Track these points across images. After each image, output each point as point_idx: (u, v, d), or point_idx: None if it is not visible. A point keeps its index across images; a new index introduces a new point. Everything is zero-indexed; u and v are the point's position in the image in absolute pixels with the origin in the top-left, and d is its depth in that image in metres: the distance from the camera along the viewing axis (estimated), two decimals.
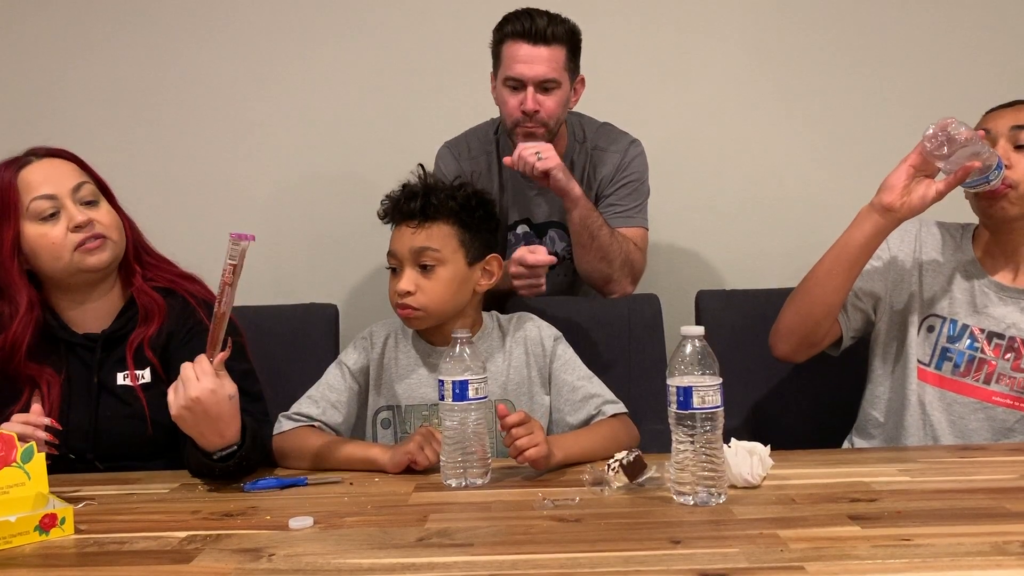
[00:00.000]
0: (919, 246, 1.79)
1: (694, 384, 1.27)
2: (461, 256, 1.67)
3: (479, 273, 1.71)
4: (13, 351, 1.57)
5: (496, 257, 1.73)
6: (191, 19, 2.61)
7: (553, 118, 2.04)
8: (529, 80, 2.00)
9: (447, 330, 1.70)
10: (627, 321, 2.09)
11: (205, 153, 2.63)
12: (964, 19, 2.60)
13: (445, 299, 1.66)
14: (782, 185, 2.63)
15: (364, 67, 2.62)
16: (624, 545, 1.13)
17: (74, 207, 1.59)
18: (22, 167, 1.60)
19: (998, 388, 1.70)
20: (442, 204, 1.66)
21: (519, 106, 2.02)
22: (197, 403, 1.41)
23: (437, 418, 1.67)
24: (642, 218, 2.16)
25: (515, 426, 1.45)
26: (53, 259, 1.59)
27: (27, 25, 2.60)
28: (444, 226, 1.66)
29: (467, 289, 1.70)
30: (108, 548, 1.20)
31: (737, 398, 1.92)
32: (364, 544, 1.17)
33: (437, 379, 1.67)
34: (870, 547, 1.09)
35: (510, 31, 2.02)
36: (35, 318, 1.59)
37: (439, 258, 1.65)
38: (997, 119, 1.69)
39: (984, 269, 1.75)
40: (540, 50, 1.99)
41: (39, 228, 1.58)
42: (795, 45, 2.62)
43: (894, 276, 1.78)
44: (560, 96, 2.04)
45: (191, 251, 1.78)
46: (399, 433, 1.72)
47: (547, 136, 2.05)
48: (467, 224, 1.68)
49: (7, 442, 1.28)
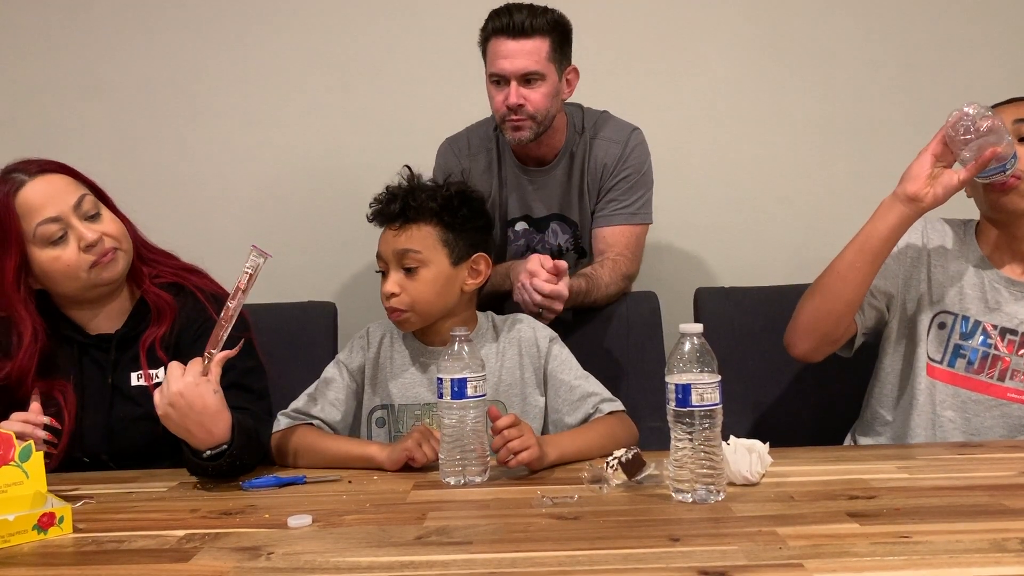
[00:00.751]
0: (926, 243, 1.78)
1: (693, 382, 1.27)
2: (444, 256, 1.67)
3: (466, 272, 1.71)
4: (20, 381, 1.57)
5: (483, 256, 1.72)
6: (189, 17, 2.60)
7: (541, 111, 2.03)
8: (510, 74, 2.00)
9: (440, 329, 1.71)
10: (626, 319, 2.09)
11: (203, 151, 2.63)
12: (964, 17, 2.60)
13: (430, 300, 1.67)
14: (781, 183, 2.62)
15: (363, 64, 2.61)
16: (623, 543, 1.13)
17: (81, 225, 1.56)
18: (17, 189, 1.55)
19: (1013, 385, 1.68)
20: (422, 205, 1.66)
21: (504, 101, 2.02)
22: (180, 397, 1.41)
23: (430, 417, 1.68)
24: (644, 214, 2.15)
25: (506, 428, 1.45)
26: (69, 280, 1.58)
27: (10, 22, 2.60)
28: (425, 227, 1.66)
29: (453, 289, 1.69)
30: (107, 547, 1.20)
31: (736, 395, 1.91)
32: (363, 542, 1.17)
33: (430, 378, 1.68)
34: (869, 544, 1.09)
35: (491, 28, 2.02)
36: (40, 347, 1.58)
37: (421, 259, 1.65)
38: (1000, 114, 1.66)
39: (993, 264, 1.74)
40: (520, 43, 1.99)
41: (50, 252, 1.56)
42: (795, 42, 2.61)
43: (904, 273, 1.77)
44: (546, 88, 2.02)
45: (189, 249, 1.78)
46: (393, 432, 1.72)
47: (536, 128, 2.04)
48: (449, 224, 1.68)
49: (5, 441, 1.28)
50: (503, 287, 2.02)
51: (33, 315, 1.59)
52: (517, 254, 2.21)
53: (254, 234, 2.00)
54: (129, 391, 1.63)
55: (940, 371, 1.73)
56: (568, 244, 2.21)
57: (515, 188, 2.20)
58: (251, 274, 1.45)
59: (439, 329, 1.72)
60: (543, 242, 2.22)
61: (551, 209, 2.20)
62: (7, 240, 1.55)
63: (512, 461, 1.44)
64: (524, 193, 2.20)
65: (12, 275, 1.56)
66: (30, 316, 1.58)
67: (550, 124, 2.08)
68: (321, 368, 1.75)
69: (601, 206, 2.14)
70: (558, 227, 2.22)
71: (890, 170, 1.68)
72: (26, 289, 1.59)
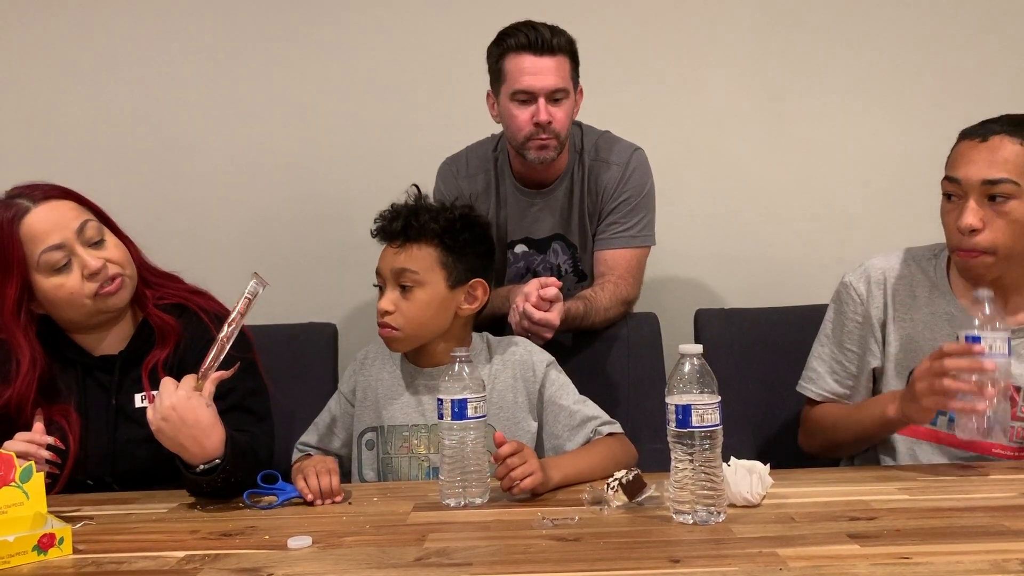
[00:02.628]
0: (889, 303, 1.73)
1: (693, 402, 1.27)
2: (442, 279, 1.67)
3: (462, 297, 1.70)
4: (19, 408, 1.57)
5: (481, 282, 1.71)
6: (189, 35, 2.61)
7: (564, 129, 2.03)
8: (540, 91, 1.98)
9: (432, 351, 1.71)
10: (626, 339, 2.09)
11: (204, 173, 2.63)
12: (969, 27, 2.60)
13: (422, 321, 1.67)
14: (782, 205, 2.63)
15: (363, 85, 2.62)
16: (623, 564, 1.13)
17: (84, 252, 1.56)
18: (22, 216, 1.54)
19: (996, 439, 1.64)
20: (424, 226, 1.66)
21: (531, 119, 1.99)
22: (173, 411, 1.42)
23: (417, 438, 1.69)
24: (645, 236, 2.15)
25: (509, 456, 1.44)
26: (73, 307, 1.58)
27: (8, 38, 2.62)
28: (426, 247, 1.66)
29: (447, 312, 1.69)
30: (106, 568, 1.20)
31: (736, 416, 1.91)
32: (363, 563, 1.17)
33: (420, 400, 1.69)
34: (869, 565, 1.09)
35: (513, 44, 2.00)
36: (39, 374, 1.58)
37: (417, 280, 1.65)
38: (968, 165, 1.58)
39: (964, 305, 1.67)
40: (547, 60, 1.98)
41: (54, 280, 1.56)
42: (799, 64, 2.62)
43: (875, 342, 1.75)
44: (568, 106, 2.03)
45: (189, 270, 1.78)
46: (382, 454, 1.72)
47: (559, 148, 2.04)
48: (450, 247, 1.67)
49: (5, 462, 1.29)
50: (502, 310, 2.00)
51: (32, 342, 1.58)
52: (517, 276, 2.21)
53: (255, 255, 2.01)
54: (133, 413, 1.63)
55: (920, 429, 1.69)
56: (567, 266, 2.21)
57: (515, 210, 2.19)
58: (250, 299, 1.47)
59: (431, 351, 1.72)
60: (545, 262, 2.21)
61: (551, 230, 2.19)
62: (9, 267, 1.54)
63: (516, 488, 1.44)
64: (524, 215, 2.19)
65: (12, 302, 1.55)
66: (28, 344, 1.58)
67: (566, 143, 2.08)
68: (321, 389, 1.77)
69: (602, 229, 2.14)
70: (559, 247, 2.20)
71: (893, 192, 1.68)
72: (27, 315, 1.58)
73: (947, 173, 1.63)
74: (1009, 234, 1.57)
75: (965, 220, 1.57)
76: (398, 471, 1.70)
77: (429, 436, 1.70)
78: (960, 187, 1.59)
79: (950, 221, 1.62)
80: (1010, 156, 1.56)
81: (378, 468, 1.72)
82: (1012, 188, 1.56)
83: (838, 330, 1.77)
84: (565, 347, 2.05)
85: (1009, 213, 1.57)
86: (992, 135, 1.58)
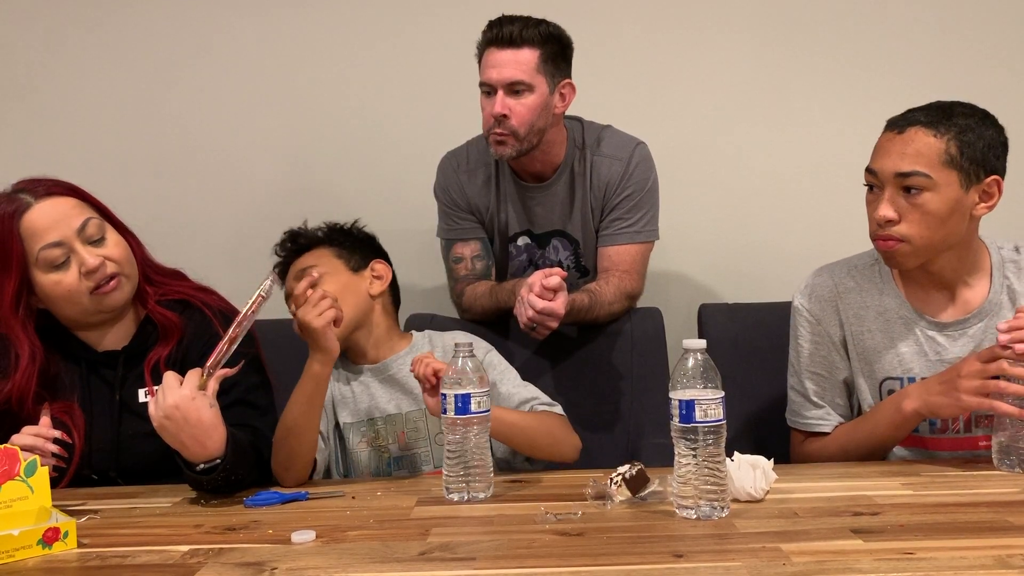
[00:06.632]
0: (843, 320, 1.73)
1: (696, 398, 1.27)
2: (342, 265, 1.80)
3: (368, 280, 1.81)
4: (21, 402, 1.57)
5: (379, 261, 1.85)
6: (188, 30, 2.61)
7: (525, 124, 1.99)
8: (496, 83, 1.99)
9: (359, 346, 1.81)
10: (630, 335, 2.09)
11: (207, 170, 2.63)
12: (972, 24, 2.59)
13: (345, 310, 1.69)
14: (785, 198, 2.62)
15: (363, 78, 2.62)
16: (626, 559, 1.13)
17: (83, 250, 1.56)
18: (23, 211, 1.54)
19: (981, 432, 1.64)
20: (309, 234, 1.85)
21: (492, 112, 2.01)
22: (176, 410, 1.42)
23: (373, 431, 1.77)
24: (649, 231, 2.14)
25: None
26: (70, 304, 1.58)
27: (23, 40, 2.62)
28: (318, 248, 1.83)
29: (359, 296, 1.78)
30: (111, 562, 1.20)
31: (740, 412, 1.93)
32: (366, 558, 1.17)
33: (370, 393, 1.77)
34: (873, 561, 1.09)
35: (484, 39, 2.03)
36: (39, 368, 1.58)
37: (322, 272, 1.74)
38: (884, 157, 1.60)
39: (917, 310, 1.68)
40: (507, 53, 1.98)
41: (52, 276, 1.56)
42: (802, 57, 2.61)
43: (840, 358, 1.73)
44: (533, 101, 1.99)
45: (190, 263, 1.78)
46: (344, 451, 1.79)
47: (519, 146, 2.01)
48: (340, 242, 1.84)
49: (10, 456, 1.29)
50: (509, 304, 2.00)
51: (31, 336, 1.59)
52: (519, 270, 2.21)
53: (257, 251, 2.00)
54: (136, 408, 1.63)
55: (908, 438, 1.67)
56: (569, 262, 2.20)
57: (515, 203, 2.18)
58: (264, 298, 1.49)
59: (359, 346, 1.81)
60: (544, 258, 2.20)
61: (552, 225, 2.18)
62: (8, 262, 1.54)
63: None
64: (525, 208, 2.18)
65: (11, 297, 1.56)
66: (28, 338, 1.58)
67: (537, 141, 2.04)
68: None
69: (605, 225, 2.13)
70: (559, 243, 2.20)
71: None
72: (26, 310, 1.59)
73: (868, 164, 1.64)
74: (924, 225, 1.58)
75: (880, 212, 1.59)
76: (358, 465, 1.78)
77: (386, 426, 1.77)
78: (878, 178, 1.61)
79: (870, 212, 1.64)
80: (923, 149, 1.56)
81: (344, 465, 1.79)
82: (924, 181, 1.56)
83: (803, 357, 1.76)
84: (570, 341, 2.05)
85: (923, 205, 1.57)
86: (909, 127, 1.59)
